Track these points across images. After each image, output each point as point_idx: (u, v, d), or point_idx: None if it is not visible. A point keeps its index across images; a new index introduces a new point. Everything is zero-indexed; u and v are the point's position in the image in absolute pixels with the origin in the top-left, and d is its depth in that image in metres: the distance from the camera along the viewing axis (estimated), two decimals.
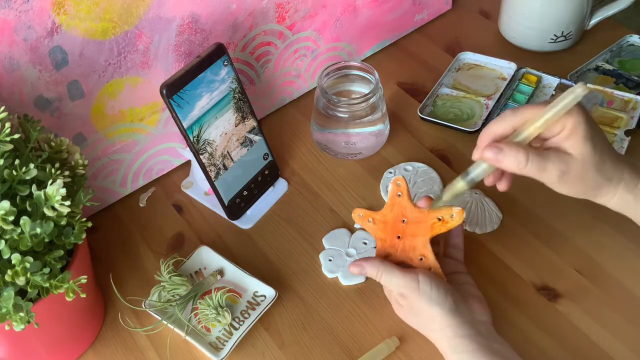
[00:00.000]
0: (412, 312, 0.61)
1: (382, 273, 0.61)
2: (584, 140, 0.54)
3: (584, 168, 0.55)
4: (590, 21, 0.94)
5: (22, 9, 0.62)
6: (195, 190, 0.81)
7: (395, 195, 0.63)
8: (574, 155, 0.54)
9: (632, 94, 0.85)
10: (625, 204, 0.58)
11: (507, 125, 0.56)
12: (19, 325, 0.53)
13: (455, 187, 0.60)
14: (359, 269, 0.62)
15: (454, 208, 0.60)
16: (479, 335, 0.58)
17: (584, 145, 0.54)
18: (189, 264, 0.73)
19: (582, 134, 0.54)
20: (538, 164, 0.54)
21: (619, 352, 0.64)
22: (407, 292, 0.60)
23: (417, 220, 0.62)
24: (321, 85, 0.79)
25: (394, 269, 0.60)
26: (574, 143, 0.54)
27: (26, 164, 0.54)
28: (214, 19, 0.76)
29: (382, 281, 0.61)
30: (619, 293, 0.68)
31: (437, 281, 0.59)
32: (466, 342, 0.57)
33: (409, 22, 0.98)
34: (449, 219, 0.60)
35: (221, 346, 0.66)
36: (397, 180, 0.62)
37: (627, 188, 0.57)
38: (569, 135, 0.54)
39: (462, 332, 0.58)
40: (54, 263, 0.55)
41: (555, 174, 0.55)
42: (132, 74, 0.73)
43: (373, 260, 0.61)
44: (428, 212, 0.61)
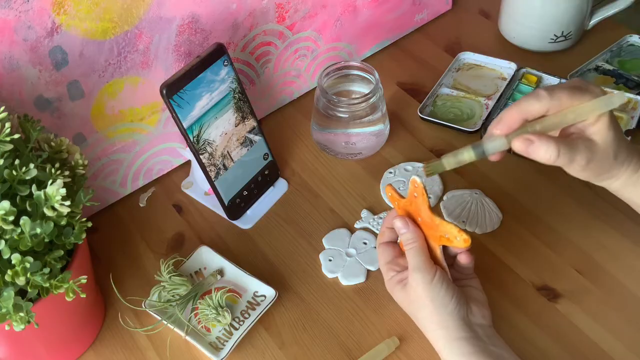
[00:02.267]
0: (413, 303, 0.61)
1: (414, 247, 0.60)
2: (608, 128, 0.54)
3: (605, 155, 0.55)
4: (590, 21, 0.94)
5: (22, 9, 0.62)
6: (195, 190, 0.81)
7: (413, 194, 0.61)
8: (598, 142, 0.55)
9: (632, 94, 0.85)
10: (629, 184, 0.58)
11: (542, 108, 0.55)
12: (19, 325, 0.53)
13: (462, 156, 0.58)
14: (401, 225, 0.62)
15: (462, 233, 0.58)
16: (475, 338, 0.57)
17: (607, 133, 0.55)
18: (189, 264, 0.73)
19: (607, 122, 0.54)
20: (568, 155, 0.54)
21: (619, 352, 0.64)
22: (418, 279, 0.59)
23: (428, 226, 0.61)
24: (321, 85, 0.79)
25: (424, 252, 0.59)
26: (599, 130, 0.54)
27: (26, 164, 0.54)
28: (214, 19, 0.76)
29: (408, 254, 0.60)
30: (619, 293, 0.68)
31: (447, 282, 0.59)
32: (462, 344, 0.57)
33: (409, 22, 0.98)
34: (454, 239, 0.59)
35: (221, 346, 0.66)
36: (414, 181, 0.60)
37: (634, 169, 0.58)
38: (595, 123, 0.54)
39: (459, 335, 0.58)
40: (54, 263, 0.55)
41: (582, 164, 0.55)
42: (132, 74, 0.73)
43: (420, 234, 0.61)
44: (439, 223, 0.60)
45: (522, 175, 0.80)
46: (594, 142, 0.55)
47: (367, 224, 0.76)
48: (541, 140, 0.54)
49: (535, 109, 0.55)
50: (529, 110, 0.55)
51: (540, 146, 0.54)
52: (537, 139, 0.54)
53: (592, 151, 0.55)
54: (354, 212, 0.78)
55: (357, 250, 0.73)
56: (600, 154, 0.55)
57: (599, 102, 0.53)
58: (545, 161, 0.55)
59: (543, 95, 0.54)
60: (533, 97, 0.55)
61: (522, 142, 0.54)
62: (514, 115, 0.55)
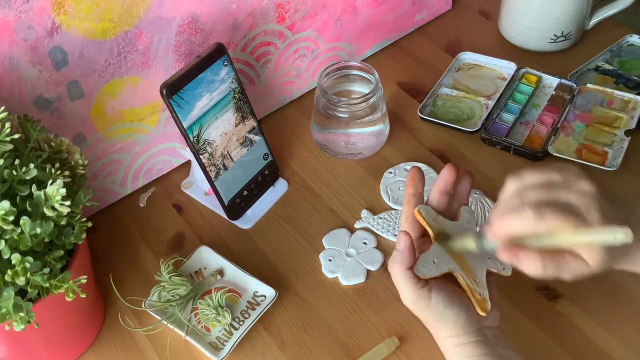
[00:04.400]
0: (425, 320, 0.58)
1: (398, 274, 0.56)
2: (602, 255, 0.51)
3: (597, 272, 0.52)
4: (590, 21, 0.94)
5: (22, 9, 0.62)
6: (195, 190, 0.81)
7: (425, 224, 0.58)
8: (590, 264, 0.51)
9: (632, 94, 0.85)
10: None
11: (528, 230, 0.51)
12: (19, 325, 0.53)
13: (466, 245, 0.56)
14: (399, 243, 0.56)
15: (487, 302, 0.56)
16: (485, 342, 0.56)
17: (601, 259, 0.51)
18: (189, 264, 0.73)
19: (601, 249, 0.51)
20: (554, 272, 0.52)
21: (619, 352, 0.64)
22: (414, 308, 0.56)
23: None
24: (321, 85, 0.79)
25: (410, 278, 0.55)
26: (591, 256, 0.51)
27: (26, 164, 0.54)
28: (214, 19, 0.76)
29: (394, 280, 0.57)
30: (619, 293, 0.68)
31: (450, 297, 0.56)
32: (470, 348, 0.56)
33: (409, 22, 0.98)
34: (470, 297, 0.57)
35: (221, 346, 0.66)
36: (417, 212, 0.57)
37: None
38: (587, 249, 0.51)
39: (469, 340, 0.57)
40: (54, 263, 0.55)
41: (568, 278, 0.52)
42: (132, 74, 0.73)
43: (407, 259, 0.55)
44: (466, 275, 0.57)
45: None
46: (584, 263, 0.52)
47: (367, 224, 0.76)
48: (527, 257, 0.51)
49: (520, 230, 0.51)
50: (514, 229, 0.52)
51: (525, 261, 0.51)
52: (522, 254, 0.51)
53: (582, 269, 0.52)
54: (354, 212, 0.78)
55: (357, 250, 0.73)
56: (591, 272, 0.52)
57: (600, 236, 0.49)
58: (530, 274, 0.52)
59: (528, 217, 0.50)
60: (518, 217, 0.51)
61: (509, 253, 0.52)
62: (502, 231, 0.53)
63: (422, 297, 0.55)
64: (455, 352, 0.57)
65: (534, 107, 0.87)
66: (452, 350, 0.57)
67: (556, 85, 0.88)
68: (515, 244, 0.52)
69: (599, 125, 0.83)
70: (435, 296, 0.55)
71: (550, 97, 0.87)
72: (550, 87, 0.89)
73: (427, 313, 0.56)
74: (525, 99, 0.87)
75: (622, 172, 0.77)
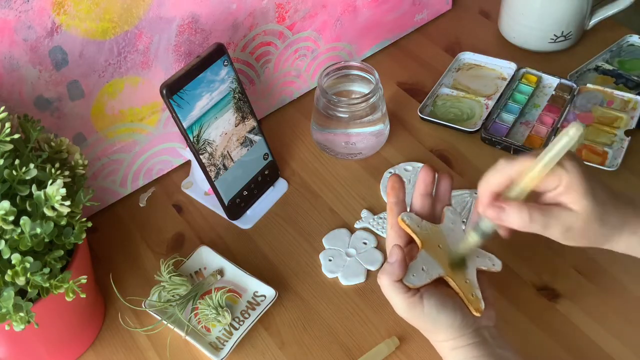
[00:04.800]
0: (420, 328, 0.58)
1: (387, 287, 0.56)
2: (583, 196, 0.51)
3: (587, 222, 0.52)
4: (590, 21, 0.94)
5: (22, 9, 0.62)
6: (195, 190, 0.81)
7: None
8: (576, 210, 0.52)
9: (632, 94, 0.85)
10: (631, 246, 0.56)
11: (503, 177, 0.53)
12: (19, 325, 0.53)
13: (470, 243, 0.57)
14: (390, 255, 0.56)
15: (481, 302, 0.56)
16: (482, 343, 0.56)
17: (584, 201, 0.51)
18: (189, 264, 0.73)
19: (580, 190, 0.51)
20: (541, 221, 0.52)
21: (619, 352, 0.64)
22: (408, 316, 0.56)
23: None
24: (321, 85, 0.79)
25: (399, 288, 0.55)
26: (573, 198, 0.52)
27: (26, 164, 0.54)
28: (214, 19, 0.76)
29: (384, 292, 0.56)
30: (619, 293, 0.68)
31: (443, 300, 0.55)
32: (469, 349, 0.56)
33: (409, 22, 0.98)
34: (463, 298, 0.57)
35: (221, 346, 0.66)
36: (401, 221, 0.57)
37: (631, 230, 0.55)
38: (567, 191, 0.52)
39: (466, 342, 0.56)
40: (54, 263, 0.55)
41: (559, 230, 0.53)
42: (132, 74, 0.73)
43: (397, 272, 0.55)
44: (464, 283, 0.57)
45: None
46: (572, 210, 0.52)
47: (367, 224, 0.76)
48: (511, 207, 0.52)
49: (498, 180, 0.53)
50: (492, 183, 0.53)
51: (510, 212, 0.52)
52: (507, 205, 0.52)
53: (569, 218, 0.52)
54: (354, 212, 0.78)
55: (357, 250, 0.73)
56: (580, 222, 0.52)
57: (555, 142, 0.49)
58: (519, 227, 0.53)
59: (502, 165, 0.53)
60: (494, 169, 0.53)
61: (493, 209, 0.53)
62: (484, 192, 0.54)
63: (414, 305, 0.55)
64: (453, 354, 0.57)
65: (534, 107, 0.87)
66: (450, 354, 0.57)
67: (556, 85, 0.88)
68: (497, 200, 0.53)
69: (599, 125, 0.83)
70: (427, 302, 0.55)
71: (550, 97, 0.87)
72: (550, 87, 0.89)
73: (421, 320, 0.56)
74: (525, 99, 0.87)
75: (622, 172, 0.78)
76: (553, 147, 0.49)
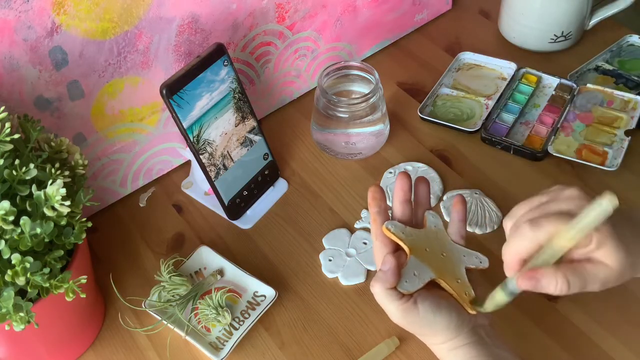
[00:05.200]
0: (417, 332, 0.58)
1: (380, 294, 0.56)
2: (616, 250, 0.50)
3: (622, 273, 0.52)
4: (590, 21, 0.94)
5: (22, 9, 0.62)
6: (195, 190, 0.81)
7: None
8: (610, 264, 0.51)
9: (632, 94, 0.85)
10: None
11: (532, 244, 0.51)
12: (19, 325, 0.53)
13: (497, 300, 0.55)
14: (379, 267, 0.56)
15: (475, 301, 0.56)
16: (479, 343, 0.56)
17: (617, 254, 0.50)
18: (189, 264, 0.73)
19: (612, 244, 0.50)
20: (579, 283, 0.51)
21: (619, 352, 0.64)
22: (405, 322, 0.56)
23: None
24: (321, 85, 0.79)
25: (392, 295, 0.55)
26: (605, 254, 0.50)
27: (26, 164, 0.54)
28: (214, 19, 0.76)
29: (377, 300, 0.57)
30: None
31: (437, 302, 0.55)
32: (466, 350, 0.56)
33: (409, 22, 0.98)
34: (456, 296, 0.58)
35: (221, 346, 0.66)
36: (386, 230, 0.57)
37: None
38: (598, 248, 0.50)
39: (463, 342, 0.56)
40: (54, 263, 0.55)
41: (598, 287, 0.51)
42: (132, 74, 0.73)
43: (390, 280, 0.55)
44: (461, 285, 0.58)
45: (522, 175, 0.80)
46: (604, 265, 0.51)
47: (367, 224, 0.76)
48: (547, 275, 0.50)
49: (526, 247, 0.51)
50: (519, 251, 0.52)
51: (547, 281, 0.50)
52: (541, 274, 0.50)
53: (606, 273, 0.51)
54: (354, 212, 0.78)
55: (357, 250, 0.73)
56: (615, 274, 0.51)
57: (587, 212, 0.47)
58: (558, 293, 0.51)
59: (526, 231, 0.50)
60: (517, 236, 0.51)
61: (528, 280, 0.51)
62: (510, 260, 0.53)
63: (409, 310, 0.55)
64: (452, 355, 0.57)
65: (534, 107, 0.87)
66: (448, 355, 0.57)
67: (556, 85, 0.88)
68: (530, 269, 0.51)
69: (599, 125, 0.83)
70: (422, 306, 0.55)
71: (550, 97, 0.87)
72: (550, 87, 0.89)
73: (418, 324, 0.56)
74: (525, 99, 0.87)
75: (622, 172, 0.77)
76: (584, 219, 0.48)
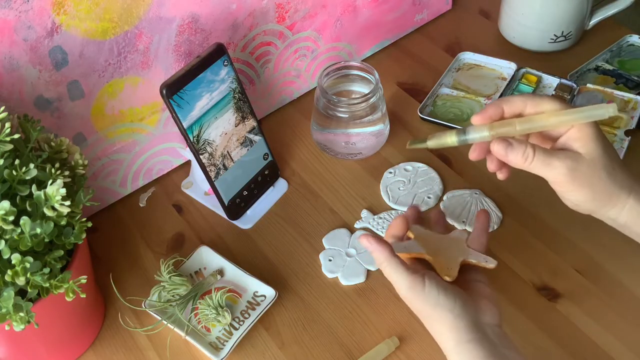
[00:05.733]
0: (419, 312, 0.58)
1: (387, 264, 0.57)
2: (594, 140, 0.52)
3: (594, 168, 0.52)
4: (590, 21, 0.94)
5: (22, 9, 0.62)
6: (195, 190, 0.81)
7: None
8: (583, 154, 0.52)
9: (632, 94, 0.85)
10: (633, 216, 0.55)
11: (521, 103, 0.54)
12: (19, 325, 0.53)
13: (445, 141, 0.57)
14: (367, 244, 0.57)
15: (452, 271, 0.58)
16: (485, 340, 0.55)
17: (594, 145, 0.52)
18: (189, 264, 0.73)
19: (591, 134, 0.51)
20: (544, 159, 0.53)
21: (619, 352, 0.64)
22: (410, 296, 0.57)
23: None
24: (321, 85, 0.79)
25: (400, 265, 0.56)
26: (583, 143, 0.52)
27: (26, 164, 0.54)
28: (214, 19, 0.76)
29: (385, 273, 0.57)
30: (619, 293, 0.68)
31: (443, 284, 0.56)
32: (471, 347, 0.55)
33: (409, 22, 0.98)
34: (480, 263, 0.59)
35: (221, 346, 0.66)
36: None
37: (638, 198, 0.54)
38: (578, 135, 0.52)
39: (469, 337, 0.55)
40: (54, 263, 0.55)
41: (562, 171, 0.52)
42: (132, 74, 0.73)
43: (384, 247, 0.57)
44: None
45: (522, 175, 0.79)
46: (578, 154, 0.52)
47: (367, 224, 0.76)
48: (520, 143, 0.53)
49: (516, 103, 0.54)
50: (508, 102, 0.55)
51: (517, 148, 0.53)
52: (515, 141, 0.53)
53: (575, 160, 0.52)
54: (354, 212, 0.78)
55: (357, 250, 0.73)
56: (586, 166, 0.52)
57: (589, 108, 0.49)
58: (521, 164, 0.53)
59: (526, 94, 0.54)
60: (517, 96, 0.55)
61: (501, 144, 0.54)
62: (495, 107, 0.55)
63: (415, 282, 0.56)
64: (457, 351, 0.56)
65: None
66: (454, 350, 0.56)
67: (556, 85, 0.88)
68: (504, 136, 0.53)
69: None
70: (428, 282, 0.56)
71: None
72: (551, 87, 0.89)
73: (422, 300, 0.56)
74: None
75: None
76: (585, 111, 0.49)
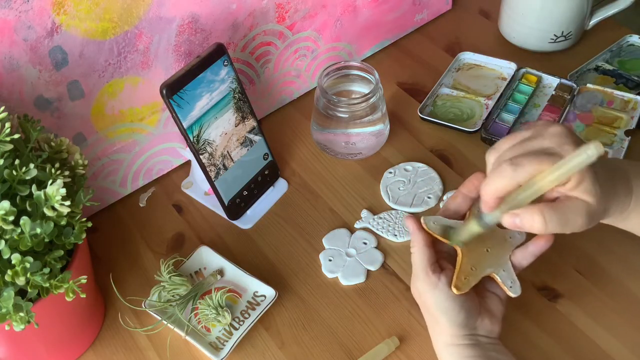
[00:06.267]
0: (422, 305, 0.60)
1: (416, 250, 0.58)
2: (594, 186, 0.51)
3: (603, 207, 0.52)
4: (590, 21, 0.94)
5: (22, 9, 0.62)
6: (195, 190, 0.81)
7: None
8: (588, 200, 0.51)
9: (632, 94, 0.85)
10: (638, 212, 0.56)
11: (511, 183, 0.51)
12: (19, 325, 0.53)
13: (471, 230, 0.57)
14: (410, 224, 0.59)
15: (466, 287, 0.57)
16: (476, 345, 0.57)
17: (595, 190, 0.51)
18: (189, 264, 0.73)
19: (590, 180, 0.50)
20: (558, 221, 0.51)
21: (619, 352, 0.64)
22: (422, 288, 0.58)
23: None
24: (321, 85, 0.79)
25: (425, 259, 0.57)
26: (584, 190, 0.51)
27: (26, 164, 0.54)
28: (214, 19, 0.76)
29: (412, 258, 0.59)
30: (620, 293, 0.68)
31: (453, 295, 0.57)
32: (461, 349, 0.57)
33: (409, 22, 0.98)
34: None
35: (221, 346, 0.66)
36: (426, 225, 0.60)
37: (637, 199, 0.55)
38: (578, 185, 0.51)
39: (461, 342, 0.57)
40: (54, 263, 0.55)
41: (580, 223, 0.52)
42: (132, 74, 0.73)
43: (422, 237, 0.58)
44: None
45: None
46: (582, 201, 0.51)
47: (367, 224, 0.76)
48: (525, 212, 0.51)
49: (504, 187, 0.51)
50: (498, 189, 0.52)
51: (525, 218, 0.51)
52: (520, 211, 0.52)
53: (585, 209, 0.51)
54: (354, 212, 0.78)
55: (357, 250, 0.73)
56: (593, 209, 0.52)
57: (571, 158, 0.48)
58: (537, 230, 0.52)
59: (506, 172, 0.50)
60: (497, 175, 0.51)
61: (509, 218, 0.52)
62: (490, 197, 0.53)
63: (429, 281, 0.57)
64: (449, 351, 0.58)
65: (534, 107, 0.87)
66: (445, 349, 0.58)
67: (556, 85, 0.88)
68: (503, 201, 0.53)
69: (599, 125, 0.83)
70: (441, 286, 0.57)
71: (550, 97, 0.87)
72: (550, 87, 0.89)
73: (429, 297, 0.57)
74: (525, 99, 0.87)
75: None
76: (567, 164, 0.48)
